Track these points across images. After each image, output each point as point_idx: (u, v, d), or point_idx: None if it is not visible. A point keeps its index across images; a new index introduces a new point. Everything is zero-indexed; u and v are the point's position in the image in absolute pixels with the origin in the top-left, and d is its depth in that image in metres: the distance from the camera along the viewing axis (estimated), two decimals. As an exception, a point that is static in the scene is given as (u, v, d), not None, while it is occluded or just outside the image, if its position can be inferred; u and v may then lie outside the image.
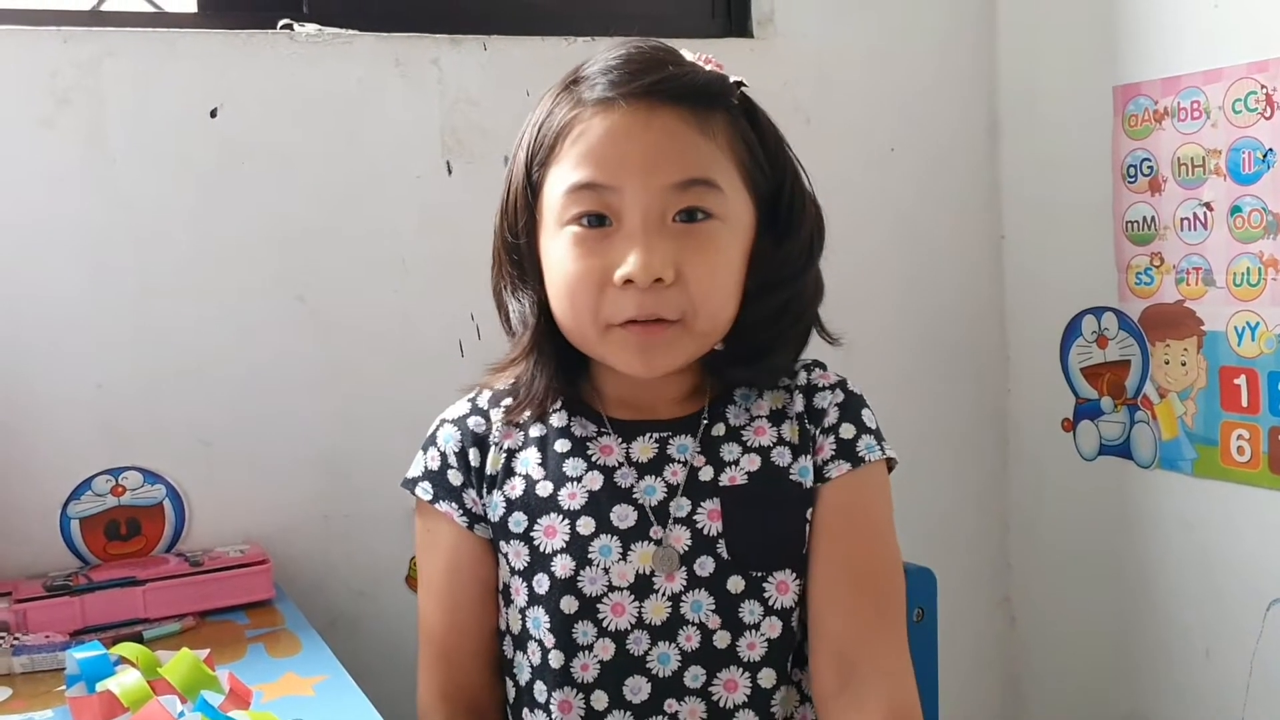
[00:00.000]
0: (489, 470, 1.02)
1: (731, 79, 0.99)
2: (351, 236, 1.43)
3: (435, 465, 1.04)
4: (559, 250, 0.95)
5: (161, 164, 1.34)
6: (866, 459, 1.01)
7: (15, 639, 1.11)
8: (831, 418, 1.02)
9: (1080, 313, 1.77)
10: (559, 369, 1.00)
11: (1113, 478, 1.75)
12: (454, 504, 1.02)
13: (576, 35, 1.54)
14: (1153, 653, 1.72)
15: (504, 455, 1.02)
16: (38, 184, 1.28)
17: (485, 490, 1.02)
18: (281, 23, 1.41)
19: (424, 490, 1.03)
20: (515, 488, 1.01)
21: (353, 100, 1.43)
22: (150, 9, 1.45)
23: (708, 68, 0.98)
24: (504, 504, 1.01)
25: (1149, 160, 1.63)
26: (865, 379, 1.77)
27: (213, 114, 1.36)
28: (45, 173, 1.29)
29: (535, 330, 0.99)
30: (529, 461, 1.01)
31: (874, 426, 1.04)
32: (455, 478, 1.03)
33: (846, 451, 1.00)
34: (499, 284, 1.03)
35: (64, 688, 1.01)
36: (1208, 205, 1.55)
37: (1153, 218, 1.63)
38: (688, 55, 0.99)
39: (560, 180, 0.94)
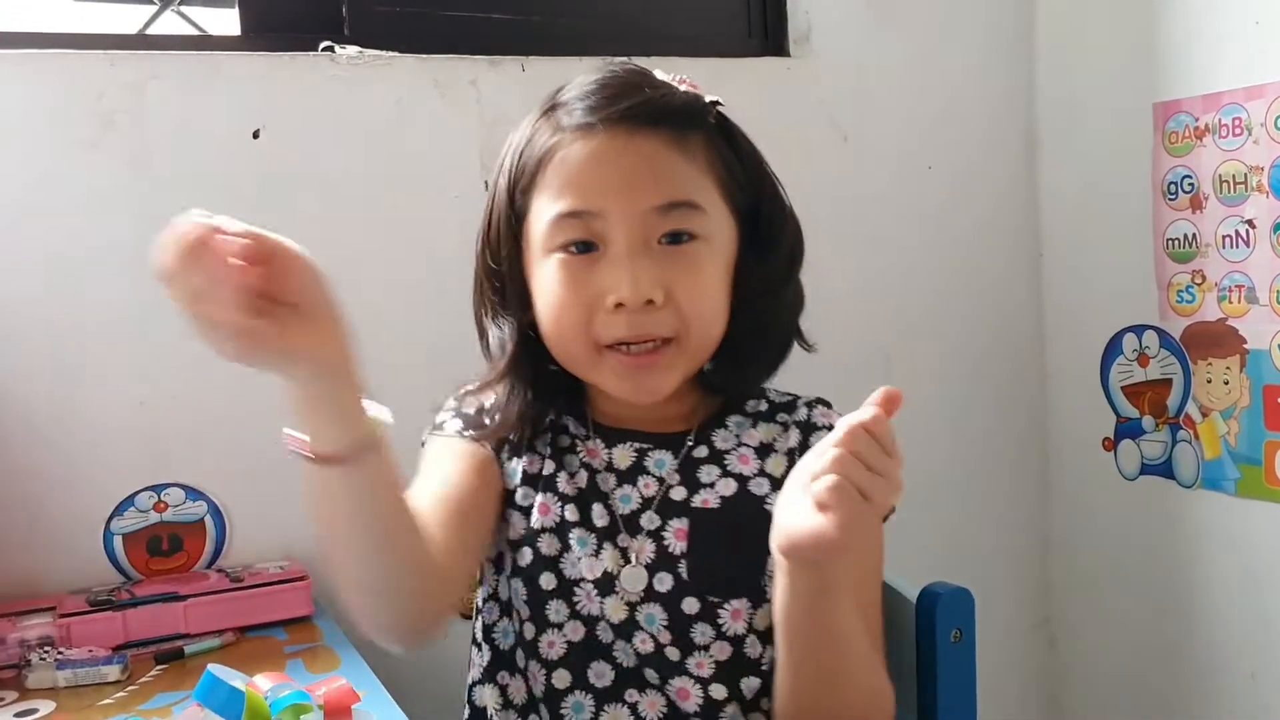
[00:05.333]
0: (512, 436, 1.03)
1: (708, 99, 0.99)
2: (391, 255, 1.45)
3: (471, 411, 1.04)
4: (547, 277, 0.96)
5: (204, 184, 1.35)
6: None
7: (59, 653, 1.12)
8: None
9: (1121, 331, 1.75)
10: (536, 396, 1.01)
11: (1154, 497, 1.73)
12: (486, 444, 1.02)
13: (613, 56, 1.54)
14: (1197, 675, 1.69)
15: (528, 426, 1.03)
16: (83, 204, 1.30)
17: (509, 455, 1.03)
18: (323, 45, 1.43)
19: (453, 426, 1.03)
20: (534, 464, 1.02)
21: (392, 121, 1.44)
22: (195, 32, 1.47)
23: (683, 88, 0.99)
24: (520, 474, 1.02)
25: (1190, 177, 1.61)
26: (904, 397, 1.77)
27: (255, 135, 1.38)
28: (91, 193, 1.31)
29: (513, 357, 1.00)
30: (543, 442, 1.03)
31: None
32: (487, 420, 1.03)
33: None
34: (480, 309, 1.04)
35: (107, 701, 1.03)
36: (1250, 222, 1.54)
37: (1194, 235, 1.62)
38: (661, 75, 1.00)
39: (544, 208, 0.95)
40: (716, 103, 1.00)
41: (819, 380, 1.08)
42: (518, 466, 1.02)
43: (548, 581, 0.98)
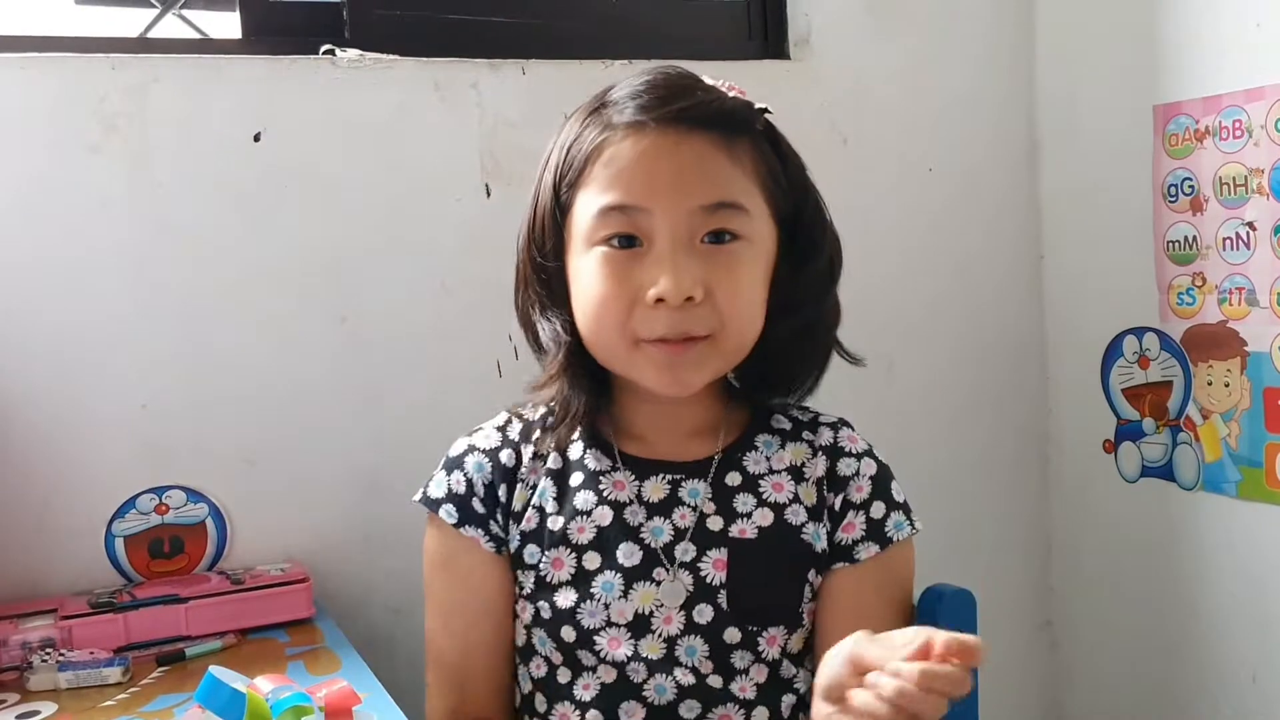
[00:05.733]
0: (515, 506, 1.03)
1: (756, 105, 1.00)
2: (392, 258, 1.45)
3: (461, 489, 1.04)
4: (588, 271, 0.96)
5: (206, 187, 1.36)
6: (895, 539, 1.01)
7: (61, 655, 1.12)
8: (863, 493, 1.02)
9: (1121, 333, 1.75)
10: (591, 387, 1.02)
11: (1155, 500, 1.73)
12: (480, 529, 1.03)
13: (614, 59, 1.55)
14: (1198, 678, 1.69)
15: (529, 491, 1.03)
16: (86, 208, 1.31)
17: (511, 523, 1.03)
18: (324, 48, 1.43)
19: (448, 513, 1.03)
20: (530, 520, 1.02)
21: (393, 124, 1.44)
22: (196, 35, 1.47)
23: (731, 94, 0.99)
24: (519, 536, 1.02)
25: (1190, 180, 1.61)
26: (905, 399, 1.78)
27: (256, 138, 1.38)
28: (93, 197, 1.31)
29: (569, 349, 0.99)
30: (545, 494, 1.02)
31: (902, 500, 1.04)
32: (479, 506, 1.03)
33: (876, 532, 1.01)
34: (526, 305, 1.03)
35: (109, 703, 1.03)
36: (1250, 225, 1.54)
37: (1194, 237, 1.62)
38: (708, 80, 1.00)
39: (590, 202, 0.95)
40: (765, 110, 1.01)
41: (820, 384, 1.08)
42: (515, 532, 1.02)
43: (568, 634, 0.99)
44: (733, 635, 0.98)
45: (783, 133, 1.03)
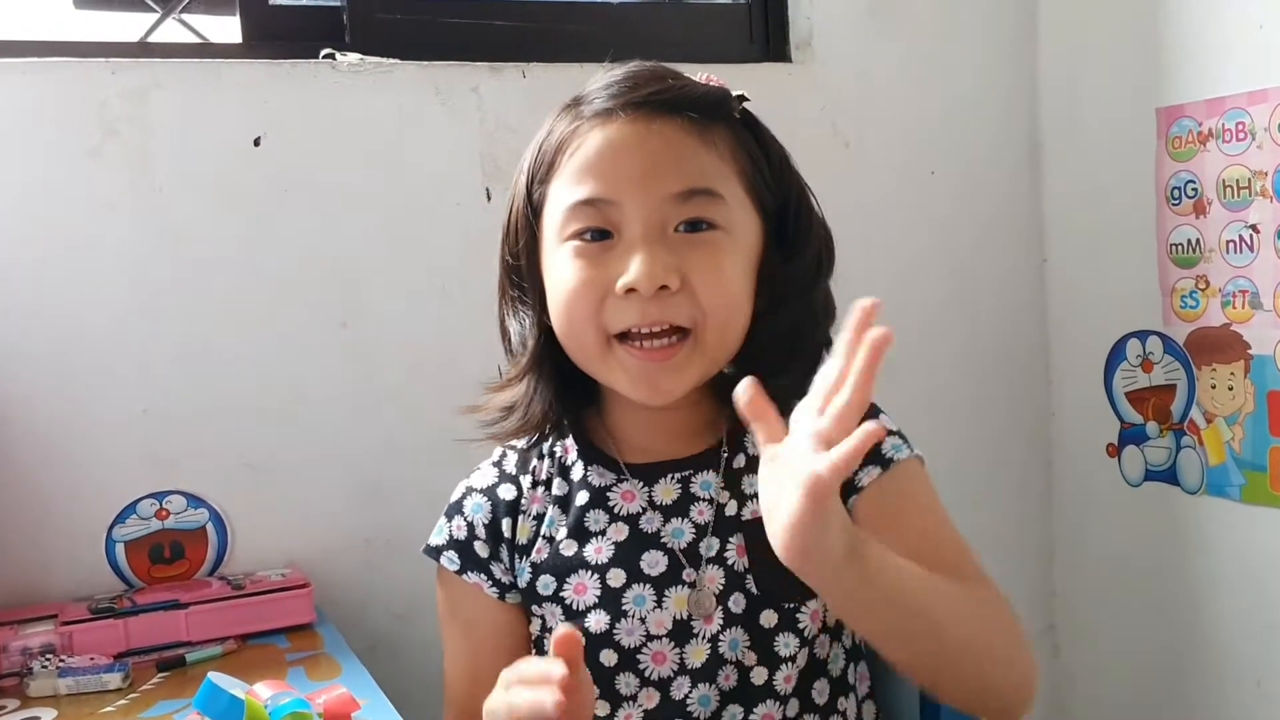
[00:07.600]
0: (520, 540, 1.00)
1: (734, 93, 0.97)
2: (393, 263, 1.45)
3: (461, 535, 1.01)
4: (560, 265, 0.92)
5: (206, 192, 1.36)
6: (894, 459, 0.97)
7: (61, 661, 1.12)
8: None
9: (1124, 336, 1.75)
10: (559, 393, 0.98)
11: (1159, 504, 1.72)
12: (483, 575, 1.01)
13: (615, 62, 1.55)
14: (1202, 683, 1.69)
15: (533, 522, 1.00)
16: (86, 212, 1.31)
17: (517, 558, 1.00)
18: (324, 52, 1.43)
19: (449, 560, 1.01)
20: (541, 551, 0.99)
21: (394, 128, 1.44)
22: (196, 40, 1.48)
23: (709, 84, 0.97)
24: (530, 569, 0.99)
25: (1193, 182, 1.61)
26: (907, 403, 1.76)
27: (256, 143, 1.38)
28: (93, 201, 1.31)
29: (535, 350, 0.96)
30: (554, 522, 0.99)
31: (895, 428, 1.00)
32: (482, 549, 1.00)
33: (873, 455, 0.96)
34: (504, 312, 1.01)
35: (109, 708, 1.03)
36: (1254, 228, 1.53)
37: (1197, 240, 1.61)
38: (688, 75, 0.98)
39: (560, 196, 0.92)
40: (742, 97, 0.97)
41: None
42: (525, 565, 0.99)
43: (608, 659, 0.95)
44: (769, 618, 0.94)
45: (765, 123, 0.99)
